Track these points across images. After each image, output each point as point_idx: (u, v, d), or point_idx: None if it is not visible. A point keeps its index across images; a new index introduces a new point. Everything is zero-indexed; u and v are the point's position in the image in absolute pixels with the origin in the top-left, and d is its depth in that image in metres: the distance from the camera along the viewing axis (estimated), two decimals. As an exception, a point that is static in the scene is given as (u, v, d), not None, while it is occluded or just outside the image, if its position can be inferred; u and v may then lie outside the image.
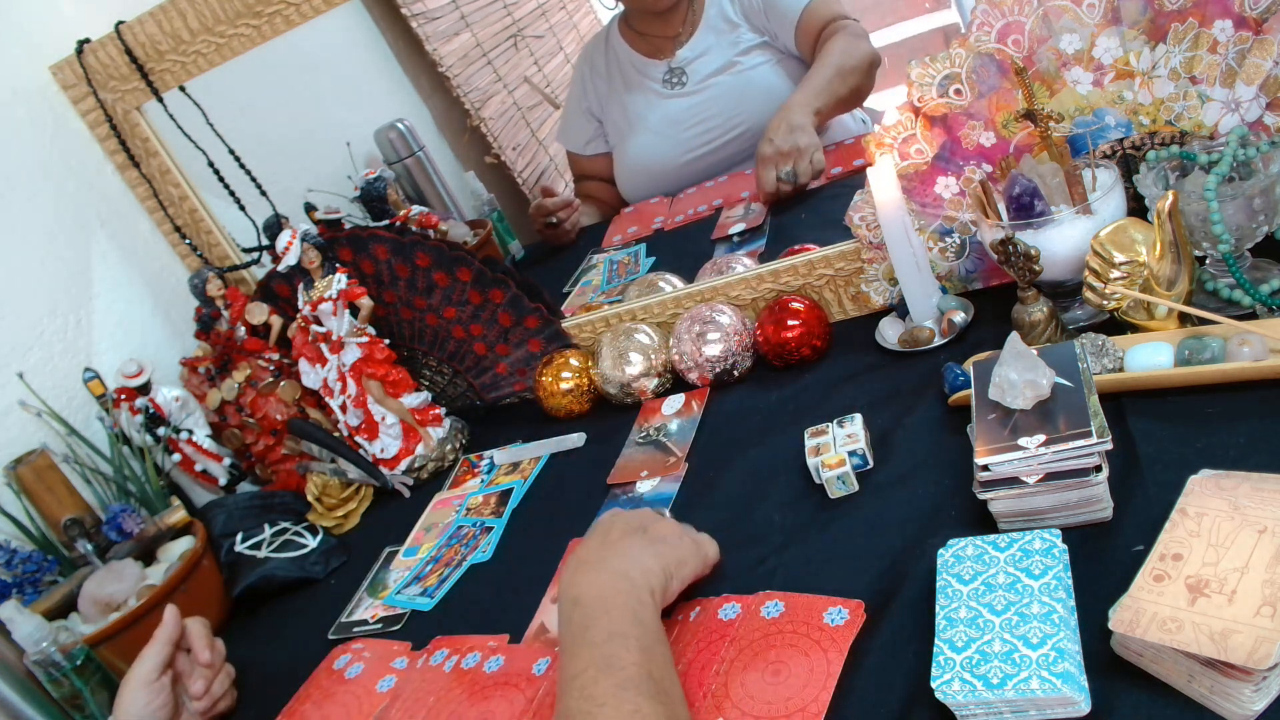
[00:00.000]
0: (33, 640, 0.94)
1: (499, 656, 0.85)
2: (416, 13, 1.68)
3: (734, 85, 1.56)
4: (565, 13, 2.09)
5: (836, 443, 0.88)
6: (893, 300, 1.09)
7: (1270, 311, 0.82)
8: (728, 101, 1.56)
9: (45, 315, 1.25)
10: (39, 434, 1.19)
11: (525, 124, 1.90)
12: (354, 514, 1.24)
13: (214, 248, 1.40)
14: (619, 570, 0.74)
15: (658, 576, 0.75)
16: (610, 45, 1.65)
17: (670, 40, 1.59)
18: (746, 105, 1.55)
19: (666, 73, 1.59)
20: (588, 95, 1.69)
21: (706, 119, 1.58)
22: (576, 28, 2.12)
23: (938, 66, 0.94)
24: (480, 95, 1.78)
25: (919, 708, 0.63)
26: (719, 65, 1.57)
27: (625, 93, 1.63)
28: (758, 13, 1.56)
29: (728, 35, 1.56)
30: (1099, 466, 0.69)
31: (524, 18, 1.97)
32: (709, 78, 1.57)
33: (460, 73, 1.74)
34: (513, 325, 1.26)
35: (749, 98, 1.55)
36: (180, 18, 1.23)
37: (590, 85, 1.69)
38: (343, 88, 1.70)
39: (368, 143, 1.61)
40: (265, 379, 1.30)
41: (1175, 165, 0.88)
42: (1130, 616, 0.57)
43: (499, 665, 0.84)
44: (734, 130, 1.56)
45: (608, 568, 0.74)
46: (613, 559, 0.75)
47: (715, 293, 1.18)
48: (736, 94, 1.56)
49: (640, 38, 1.62)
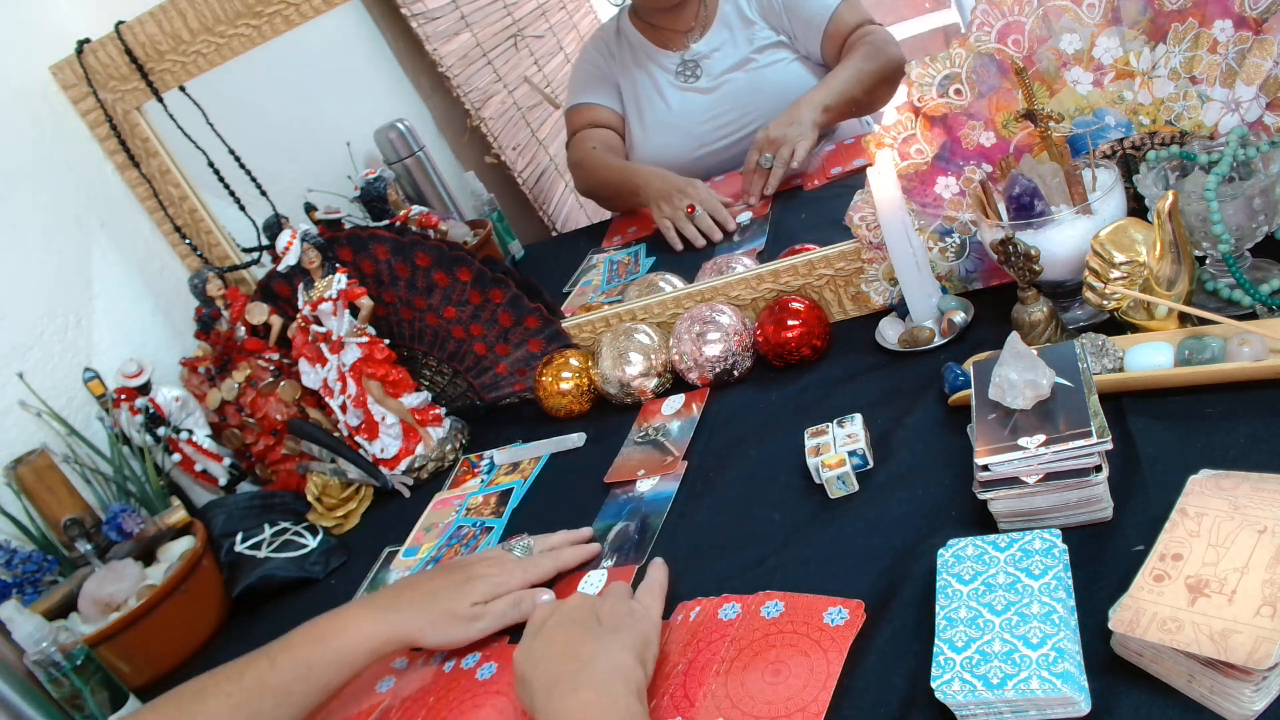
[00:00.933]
0: (33, 640, 0.94)
1: (491, 664, 0.85)
2: (416, 13, 1.68)
3: (749, 82, 1.57)
4: (565, 13, 2.10)
5: (836, 443, 0.88)
6: (893, 300, 1.09)
7: (1270, 311, 0.82)
8: (743, 98, 1.57)
9: (45, 315, 1.25)
10: (39, 434, 1.19)
11: (525, 124, 1.90)
12: (354, 514, 1.24)
13: (214, 248, 1.40)
14: (599, 683, 0.67)
15: (635, 671, 0.70)
16: (622, 32, 1.65)
17: (682, 34, 1.59)
18: (761, 103, 1.55)
19: (680, 64, 1.59)
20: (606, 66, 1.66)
21: (721, 114, 1.58)
22: (576, 28, 2.13)
23: (938, 66, 0.94)
24: (480, 95, 1.78)
25: (919, 708, 0.63)
26: (734, 62, 1.57)
27: (638, 73, 1.63)
28: (777, 13, 1.56)
29: (743, 32, 1.57)
30: (1099, 466, 0.69)
31: (524, 18, 1.97)
32: (724, 74, 1.58)
33: (460, 73, 1.74)
34: (513, 325, 1.26)
35: (764, 95, 1.55)
36: (180, 18, 1.23)
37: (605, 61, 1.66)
38: (343, 88, 1.70)
39: (368, 143, 1.61)
40: (265, 379, 1.30)
41: (1175, 165, 0.88)
42: (1130, 616, 0.57)
43: (492, 672, 0.84)
44: (749, 127, 1.56)
45: (587, 683, 0.68)
46: (585, 671, 0.69)
47: (715, 293, 1.18)
48: (751, 91, 1.56)
49: (651, 29, 1.62)
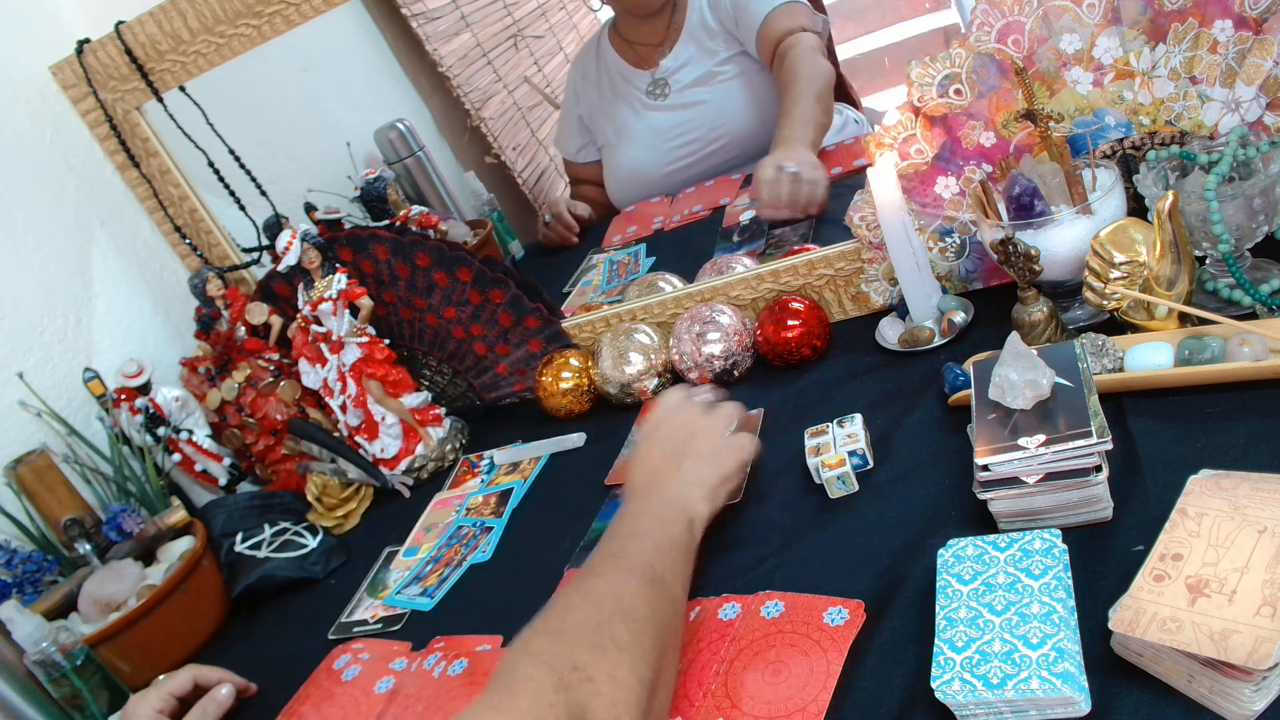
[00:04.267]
0: (33, 640, 0.94)
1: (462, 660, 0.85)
2: (416, 13, 1.68)
3: (714, 97, 1.56)
4: (565, 13, 2.09)
5: (836, 443, 0.88)
6: (893, 300, 1.09)
7: (1270, 311, 0.82)
8: (708, 113, 1.57)
9: (45, 315, 1.25)
10: (39, 434, 1.19)
11: (525, 124, 1.90)
12: (354, 514, 1.24)
13: (214, 248, 1.40)
14: (657, 505, 0.83)
15: (699, 505, 0.83)
16: (600, 53, 1.66)
17: (655, 49, 1.59)
18: (726, 117, 1.55)
19: (650, 83, 1.59)
20: (580, 103, 1.70)
21: (688, 131, 1.58)
22: (576, 28, 2.12)
23: (938, 66, 0.94)
24: (480, 95, 1.78)
25: (919, 708, 0.63)
26: (698, 76, 1.57)
27: (613, 102, 1.64)
28: (731, 18, 1.55)
29: (707, 44, 1.56)
30: (1099, 466, 0.69)
31: (524, 18, 1.96)
32: (689, 88, 1.57)
33: (460, 73, 1.74)
34: (513, 325, 1.26)
35: (728, 110, 1.55)
36: (180, 18, 1.23)
37: (581, 93, 1.70)
38: (343, 88, 1.69)
39: (368, 143, 1.61)
40: (265, 379, 1.30)
41: (1175, 165, 0.88)
42: (1130, 616, 0.57)
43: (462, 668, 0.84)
44: (716, 142, 1.57)
45: (646, 498, 0.84)
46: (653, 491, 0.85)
47: (715, 293, 1.18)
48: (716, 106, 1.56)
49: (628, 46, 1.62)
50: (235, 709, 0.97)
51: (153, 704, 0.91)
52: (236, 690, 0.96)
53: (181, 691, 0.94)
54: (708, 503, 0.85)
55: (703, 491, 0.85)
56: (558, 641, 0.66)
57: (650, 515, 0.81)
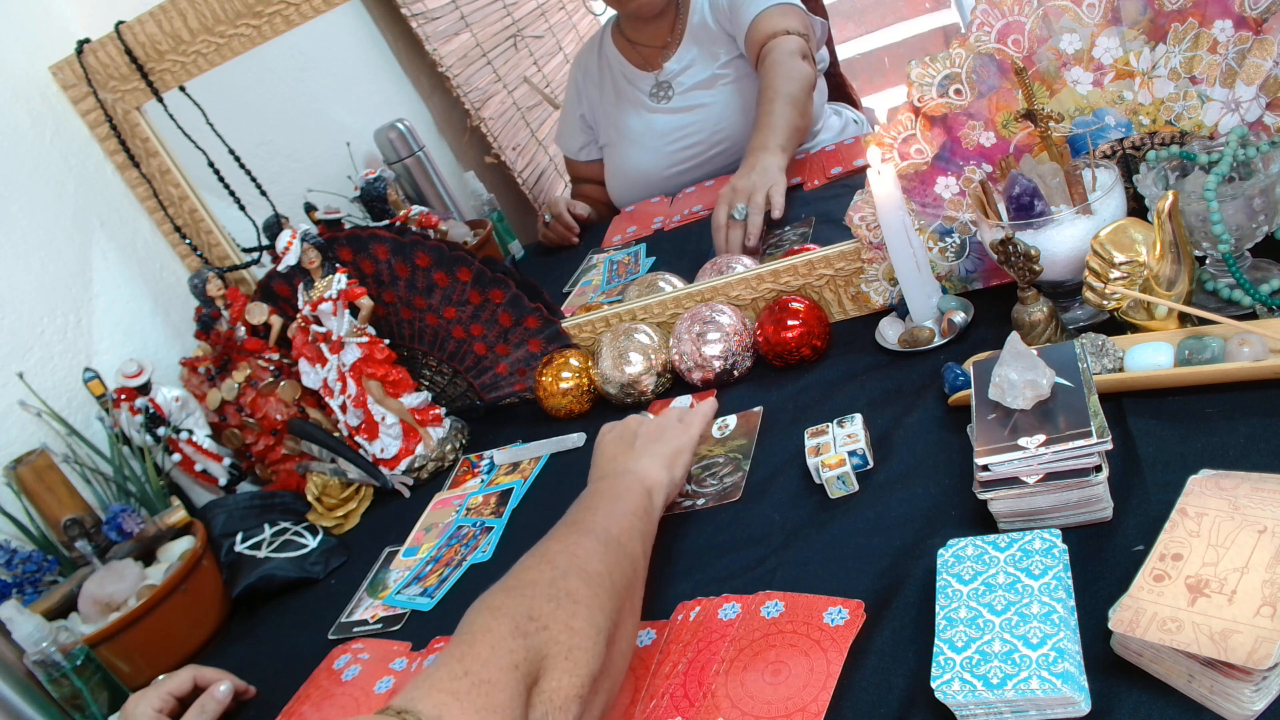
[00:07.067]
0: (33, 640, 0.94)
1: None
2: (416, 13, 1.68)
3: (716, 100, 1.56)
4: (565, 13, 2.09)
5: (836, 443, 0.88)
6: (893, 300, 1.09)
7: (1270, 311, 0.82)
8: (710, 116, 1.57)
9: (45, 315, 1.25)
10: (39, 434, 1.19)
11: (525, 124, 1.90)
12: (354, 514, 1.24)
13: (214, 248, 1.40)
14: (616, 477, 0.86)
15: (657, 474, 0.87)
16: (603, 52, 1.65)
17: (659, 50, 1.59)
18: (728, 120, 1.55)
19: (654, 86, 1.59)
20: (581, 101, 1.70)
21: (690, 134, 1.58)
22: (576, 28, 2.12)
23: (938, 66, 0.94)
24: (480, 95, 1.78)
25: (919, 708, 0.63)
26: (701, 79, 1.57)
27: (615, 102, 1.64)
28: (728, 22, 1.55)
29: (710, 47, 1.56)
30: (1099, 466, 0.69)
31: (524, 18, 1.96)
32: (691, 91, 1.57)
33: (460, 73, 1.74)
34: (513, 325, 1.26)
35: (730, 113, 1.55)
36: (180, 18, 1.23)
37: (583, 91, 1.69)
38: (343, 88, 1.69)
39: (368, 143, 1.61)
40: (265, 379, 1.30)
41: (1175, 165, 0.88)
42: (1130, 616, 0.57)
43: None
44: (718, 145, 1.57)
45: (606, 477, 0.88)
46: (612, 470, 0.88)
47: (715, 293, 1.18)
48: (719, 109, 1.56)
49: (631, 47, 1.62)
50: (235, 709, 0.97)
51: (152, 704, 0.91)
52: (235, 691, 0.96)
53: (181, 691, 0.94)
54: (665, 471, 0.88)
55: (656, 462, 0.88)
56: (514, 595, 0.67)
57: (606, 490, 0.84)
